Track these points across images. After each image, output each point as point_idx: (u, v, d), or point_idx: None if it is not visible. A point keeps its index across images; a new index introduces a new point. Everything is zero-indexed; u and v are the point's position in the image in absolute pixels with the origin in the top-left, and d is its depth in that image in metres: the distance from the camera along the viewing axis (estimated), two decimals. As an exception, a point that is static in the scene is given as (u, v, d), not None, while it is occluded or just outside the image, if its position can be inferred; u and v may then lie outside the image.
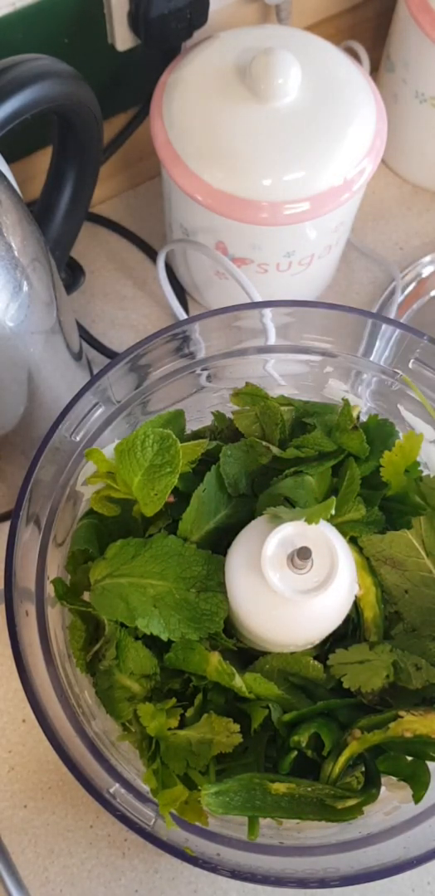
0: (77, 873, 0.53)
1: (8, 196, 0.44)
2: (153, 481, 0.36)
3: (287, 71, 0.54)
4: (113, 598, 0.36)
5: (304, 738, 0.34)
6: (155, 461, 0.36)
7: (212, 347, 0.42)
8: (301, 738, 0.34)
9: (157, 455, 0.36)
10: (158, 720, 0.34)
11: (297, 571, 0.33)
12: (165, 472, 0.36)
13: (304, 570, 0.33)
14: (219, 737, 0.33)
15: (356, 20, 0.74)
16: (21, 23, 0.55)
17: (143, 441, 0.36)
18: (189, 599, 0.35)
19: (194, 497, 0.37)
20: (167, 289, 0.66)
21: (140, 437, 0.37)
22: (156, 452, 0.36)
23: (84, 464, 0.39)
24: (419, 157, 0.75)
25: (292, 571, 0.34)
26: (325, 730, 0.34)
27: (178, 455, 0.36)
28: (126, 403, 0.40)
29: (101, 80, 0.57)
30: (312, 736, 0.34)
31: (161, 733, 0.34)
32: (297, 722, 0.35)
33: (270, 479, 0.38)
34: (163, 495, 0.37)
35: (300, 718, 0.34)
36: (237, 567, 0.35)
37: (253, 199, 0.55)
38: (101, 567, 0.37)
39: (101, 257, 0.72)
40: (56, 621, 0.39)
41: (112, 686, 0.36)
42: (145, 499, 0.37)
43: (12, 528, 0.37)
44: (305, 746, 0.34)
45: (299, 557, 0.33)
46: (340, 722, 0.35)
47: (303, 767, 0.35)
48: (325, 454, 0.38)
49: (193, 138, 0.56)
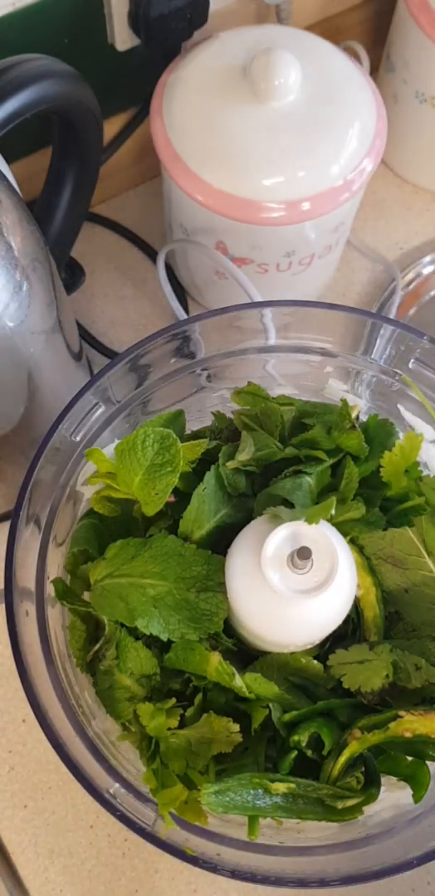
0: (77, 873, 0.53)
1: (8, 196, 0.44)
2: (154, 481, 0.37)
3: (287, 71, 0.54)
4: (113, 599, 0.36)
5: (304, 738, 0.34)
6: (155, 460, 0.36)
7: (212, 347, 0.42)
8: (301, 738, 0.34)
9: (158, 454, 0.36)
10: (158, 720, 0.34)
11: (297, 571, 0.33)
12: (166, 471, 0.36)
13: (304, 570, 0.33)
14: (219, 737, 0.33)
15: (356, 20, 0.74)
16: (21, 23, 0.55)
17: (143, 440, 0.36)
18: (189, 599, 0.35)
19: (195, 496, 0.37)
20: (167, 289, 0.66)
21: (140, 436, 0.37)
22: (156, 452, 0.36)
23: (84, 464, 0.39)
24: (419, 157, 0.75)
25: (292, 571, 0.34)
26: (325, 730, 0.34)
27: (179, 454, 0.36)
28: (126, 403, 0.40)
29: (101, 80, 0.57)
30: (312, 736, 0.34)
31: (161, 733, 0.34)
32: (297, 722, 0.35)
33: (269, 478, 0.38)
34: (164, 495, 0.37)
35: (300, 718, 0.34)
36: (237, 567, 0.35)
37: (253, 199, 0.55)
38: (100, 567, 0.37)
39: (101, 257, 0.72)
40: (56, 621, 0.39)
41: (112, 686, 0.36)
42: (146, 498, 0.37)
43: (12, 528, 0.37)
44: (305, 746, 0.34)
45: (299, 557, 0.33)
46: (341, 722, 0.35)
47: (303, 767, 0.35)
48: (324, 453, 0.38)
49: (193, 138, 0.56)
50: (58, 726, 0.35)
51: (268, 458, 0.38)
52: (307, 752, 0.34)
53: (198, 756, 0.33)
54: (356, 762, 0.35)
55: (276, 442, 0.39)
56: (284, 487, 0.36)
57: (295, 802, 0.33)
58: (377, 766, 0.35)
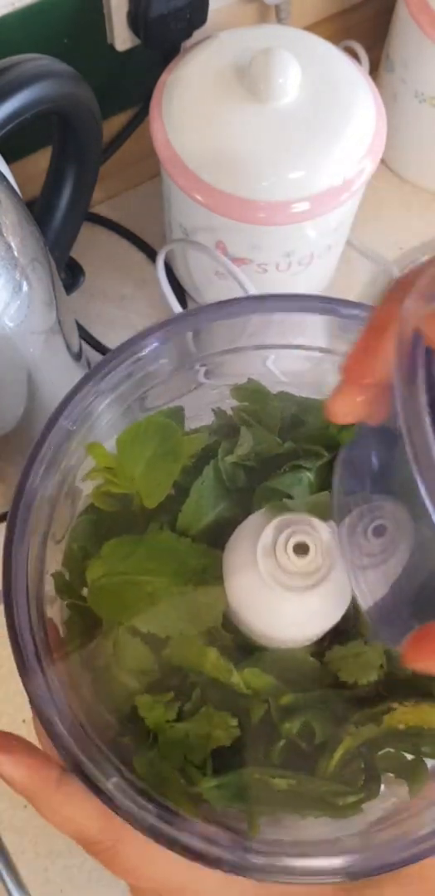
0: (77, 874, 0.53)
1: (8, 196, 0.45)
2: (156, 471, 0.37)
3: (286, 71, 0.54)
4: (110, 598, 0.36)
5: (295, 726, 0.34)
6: (158, 451, 0.37)
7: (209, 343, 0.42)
8: (292, 726, 0.34)
9: (160, 445, 0.37)
10: (157, 712, 0.34)
11: (294, 566, 0.33)
12: (168, 461, 0.37)
13: (301, 565, 0.33)
14: (217, 731, 0.33)
15: (356, 20, 0.74)
16: (21, 23, 0.56)
17: (145, 431, 0.37)
18: (187, 594, 0.35)
19: (193, 490, 0.37)
20: (167, 289, 0.66)
21: (142, 427, 0.37)
22: (158, 442, 0.37)
23: (83, 459, 0.39)
24: (419, 157, 0.75)
25: (290, 566, 0.34)
26: (317, 720, 0.34)
27: (181, 444, 0.37)
28: (123, 398, 0.40)
29: (101, 80, 0.57)
30: (306, 727, 0.34)
31: (159, 725, 0.34)
32: (292, 711, 0.35)
33: (268, 474, 0.38)
34: (166, 485, 0.37)
35: (297, 705, 0.34)
36: (235, 562, 0.35)
37: (252, 199, 0.55)
38: (96, 567, 0.37)
39: (101, 257, 0.73)
40: (56, 620, 0.39)
41: (110, 682, 0.36)
42: (148, 489, 0.37)
43: (11, 527, 0.37)
44: (298, 737, 0.34)
45: (297, 552, 0.33)
46: (336, 716, 0.35)
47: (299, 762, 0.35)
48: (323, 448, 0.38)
49: (193, 138, 0.56)
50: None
51: (267, 453, 0.38)
52: (300, 744, 0.34)
53: (195, 750, 0.33)
54: (353, 758, 0.35)
55: (275, 437, 0.39)
56: (284, 482, 0.36)
57: (296, 798, 0.33)
58: (376, 763, 0.35)
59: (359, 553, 0.32)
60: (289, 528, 0.34)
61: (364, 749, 0.35)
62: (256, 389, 0.41)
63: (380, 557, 0.32)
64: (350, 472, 0.33)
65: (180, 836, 0.32)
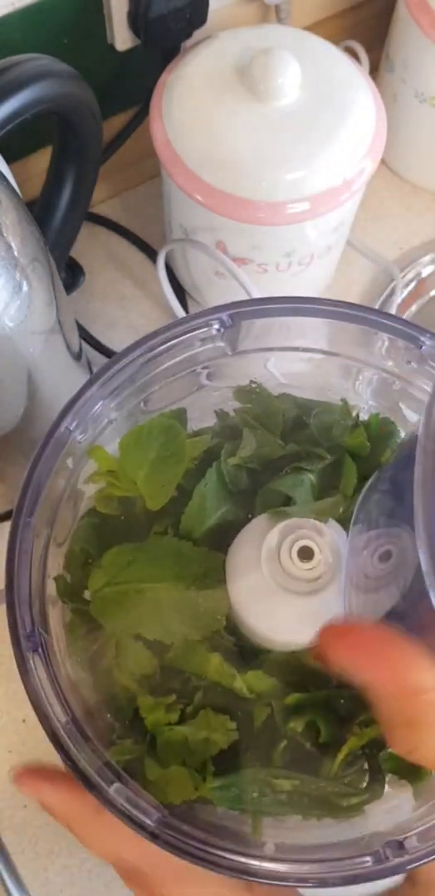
0: (77, 873, 0.53)
1: (8, 196, 0.44)
2: (160, 473, 0.37)
3: (286, 71, 0.54)
4: (113, 608, 0.36)
5: (299, 725, 0.34)
6: (161, 452, 0.37)
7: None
8: (297, 724, 0.33)
9: (164, 446, 0.37)
10: (157, 714, 0.34)
11: (299, 569, 0.33)
12: (172, 462, 0.37)
13: (306, 568, 0.33)
14: (215, 734, 0.33)
15: (356, 20, 0.74)
16: (21, 23, 0.55)
17: (148, 433, 0.37)
18: (189, 598, 0.35)
19: (196, 493, 0.37)
20: (167, 289, 0.66)
21: (145, 429, 0.37)
22: (162, 444, 0.37)
23: (85, 462, 0.39)
24: (419, 157, 0.75)
25: (294, 570, 0.34)
26: (322, 719, 0.34)
27: (184, 445, 0.37)
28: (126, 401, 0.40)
29: (101, 80, 0.57)
30: (310, 728, 0.34)
31: (158, 727, 0.34)
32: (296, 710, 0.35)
33: (270, 476, 0.38)
34: (170, 487, 0.37)
35: (302, 704, 0.34)
36: (238, 564, 0.35)
37: (252, 199, 0.55)
38: (98, 576, 0.37)
39: (101, 257, 0.72)
40: (57, 621, 0.39)
41: (111, 685, 0.36)
42: (151, 491, 0.37)
43: (14, 528, 0.37)
44: (302, 737, 0.34)
45: (301, 555, 0.33)
46: (340, 716, 0.35)
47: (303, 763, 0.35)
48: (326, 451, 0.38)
49: (193, 138, 0.56)
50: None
51: (269, 455, 0.38)
52: (304, 744, 0.34)
53: (195, 753, 0.33)
54: (357, 759, 0.35)
55: (277, 440, 0.39)
56: (286, 484, 0.37)
57: (299, 799, 0.33)
58: (380, 764, 0.35)
59: (359, 569, 0.32)
60: (294, 532, 0.34)
61: (368, 750, 0.35)
62: (259, 392, 0.41)
63: (375, 583, 0.32)
64: (386, 488, 0.33)
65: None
